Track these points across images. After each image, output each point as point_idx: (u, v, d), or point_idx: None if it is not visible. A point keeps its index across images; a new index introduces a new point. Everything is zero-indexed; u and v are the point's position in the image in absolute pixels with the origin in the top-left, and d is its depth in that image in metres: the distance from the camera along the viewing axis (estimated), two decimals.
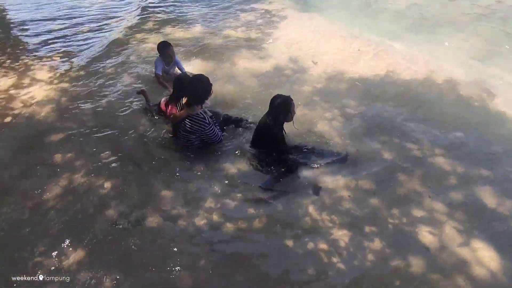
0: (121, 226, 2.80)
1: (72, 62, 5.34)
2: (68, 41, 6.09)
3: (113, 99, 4.41)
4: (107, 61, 5.34)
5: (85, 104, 4.30)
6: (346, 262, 2.55)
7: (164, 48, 4.40)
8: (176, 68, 4.70)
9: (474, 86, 4.77)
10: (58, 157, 3.46)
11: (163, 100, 3.89)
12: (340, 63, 5.20)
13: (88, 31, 6.57)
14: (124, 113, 4.14)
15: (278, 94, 3.13)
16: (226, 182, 3.21)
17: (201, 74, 3.33)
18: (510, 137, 3.83)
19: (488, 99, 4.50)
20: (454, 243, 2.69)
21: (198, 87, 3.18)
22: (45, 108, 4.20)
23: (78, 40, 6.17)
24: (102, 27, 6.77)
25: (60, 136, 3.74)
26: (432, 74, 4.97)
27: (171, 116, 3.32)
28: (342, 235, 2.73)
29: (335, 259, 2.58)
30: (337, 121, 3.96)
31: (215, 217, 2.90)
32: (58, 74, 4.98)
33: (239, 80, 4.80)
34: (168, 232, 2.77)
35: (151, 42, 5.91)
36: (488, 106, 4.40)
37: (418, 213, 2.91)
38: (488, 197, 3.06)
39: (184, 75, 3.62)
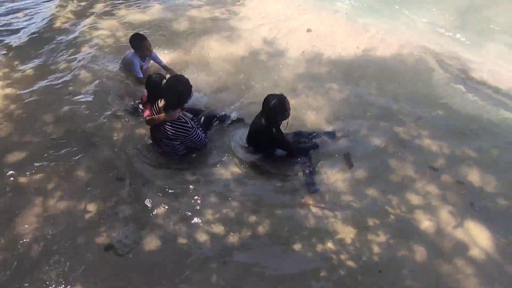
0: (117, 252, 2.58)
1: (12, 59, 4.60)
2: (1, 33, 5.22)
3: (76, 102, 3.92)
4: (57, 56, 4.69)
5: (43, 111, 3.78)
6: (355, 259, 2.60)
7: (140, 41, 3.82)
8: (151, 62, 4.21)
9: (449, 60, 4.86)
10: (24, 180, 3.05)
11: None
12: (316, 41, 5.02)
13: (25, 18, 5.65)
14: (93, 118, 3.71)
15: (270, 95, 2.95)
16: (221, 189, 3.06)
17: (180, 75, 3.05)
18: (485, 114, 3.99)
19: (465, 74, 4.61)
20: (450, 226, 2.84)
21: (177, 90, 2.89)
22: None
23: (13, 30, 5.30)
24: (40, 11, 5.86)
25: (22, 153, 3.28)
26: (408, 49, 4.99)
27: (147, 119, 3.04)
28: (347, 232, 2.76)
29: (343, 257, 2.62)
30: (324, 109, 3.88)
31: (216, 229, 2.77)
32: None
33: (213, 69, 4.48)
34: (170, 252, 2.61)
35: (105, 29, 5.27)
36: (466, 81, 4.51)
37: (414, 199, 3.01)
38: (476, 175, 3.23)
39: (158, 76, 3.19)
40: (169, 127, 2.95)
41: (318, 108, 3.87)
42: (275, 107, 2.89)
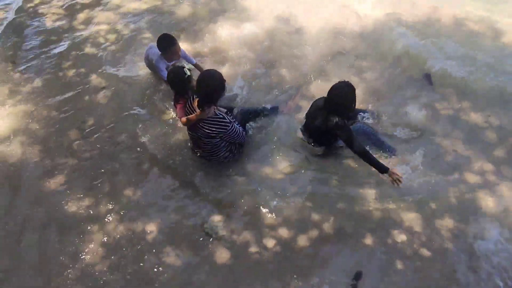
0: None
1: (12, 72, 4.22)
2: None
3: (96, 113, 3.68)
4: (60, 61, 4.31)
5: (66, 127, 3.54)
6: (427, 247, 2.62)
7: (168, 46, 3.38)
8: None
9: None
10: (75, 207, 2.92)
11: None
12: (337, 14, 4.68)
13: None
14: (121, 129, 3.50)
15: (338, 84, 2.75)
16: (278, 188, 2.97)
17: (212, 70, 2.83)
18: None
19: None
20: None
21: (211, 85, 2.71)
22: (13, 142, 3.38)
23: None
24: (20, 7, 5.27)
25: (60, 178, 3.11)
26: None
27: (183, 121, 2.87)
28: (414, 220, 2.76)
29: (416, 246, 2.64)
30: (361, 89, 3.70)
31: (282, 232, 2.73)
32: (6, 91, 3.95)
33: (230, 56, 4.20)
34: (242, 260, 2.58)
35: (103, 23, 4.84)
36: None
37: (472, 178, 3.01)
38: None
39: (177, 69, 2.94)
40: (207, 125, 2.80)
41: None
42: (347, 97, 2.74)
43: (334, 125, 2.81)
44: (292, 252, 2.63)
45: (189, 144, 3.23)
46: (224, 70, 3.90)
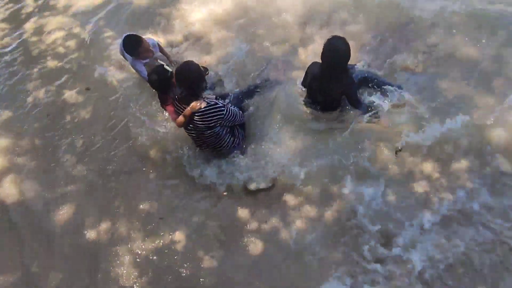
0: None
1: None
2: None
3: (82, 130, 3.44)
4: (22, 82, 3.94)
5: (53, 155, 3.32)
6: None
7: (136, 47, 3.10)
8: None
9: None
10: (93, 235, 2.81)
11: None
12: None
13: None
14: (115, 144, 3.32)
15: (333, 38, 2.59)
16: (294, 165, 2.90)
17: (190, 61, 2.66)
18: None
19: None
20: None
21: (190, 77, 2.60)
22: (4, 183, 3.16)
23: None
24: None
25: (67, 208, 2.97)
26: None
27: (177, 122, 2.73)
28: (432, 169, 2.80)
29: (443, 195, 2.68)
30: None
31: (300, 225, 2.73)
32: None
33: (209, 40, 3.91)
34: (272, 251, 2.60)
35: (56, 29, 4.40)
36: None
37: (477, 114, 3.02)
38: None
39: (158, 70, 2.82)
40: (203, 117, 2.66)
41: None
42: (346, 53, 2.58)
43: (350, 85, 2.73)
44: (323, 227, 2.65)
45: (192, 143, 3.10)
46: (207, 56, 3.68)
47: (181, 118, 2.69)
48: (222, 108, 2.70)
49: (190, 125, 2.74)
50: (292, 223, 2.69)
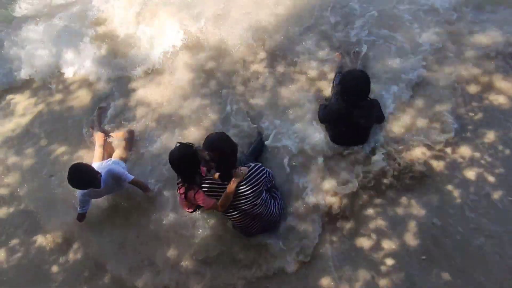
0: None
1: None
2: None
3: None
4: None
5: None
6: None
7: (92, 179, 2.71)
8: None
9: None
10: None
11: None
12: None
13: None
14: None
15: (355, 75, 2.59)
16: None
17: (219, 133, 2.37)
18: None
19: None
20: None
21: (229, 147, 2.28)
22: None
23: None
24: None
25: None
26: None
27: (223, 203, 2.34)
28: None
29: None
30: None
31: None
32: None
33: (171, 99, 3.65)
34: None
35: None
36: None
37: None
38: None
39: (184, 147, 2.34)
40: (250, 183, 2.32)
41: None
42: (367, 78, 2.54)
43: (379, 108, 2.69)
44: None
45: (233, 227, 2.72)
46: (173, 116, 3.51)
47: (223, 199, 2.32)
48: (262, 166, 2.39)
49: (235, 202, 2.36)
50: None
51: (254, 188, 2.33)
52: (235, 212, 2.40)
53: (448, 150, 2.82)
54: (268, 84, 3.48)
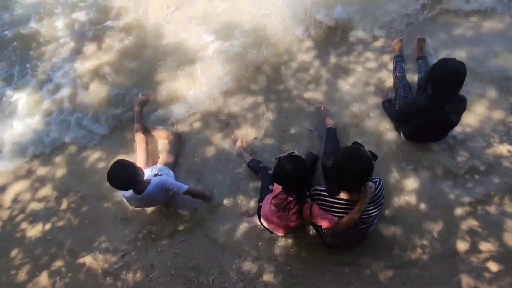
0: None
1: None
2: None
3: None
4: None
5: None
6: None
7: (133, 175, 2.38)
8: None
9: None
10: None
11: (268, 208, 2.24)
12: None
13: None
14: None
15: (448, 61, 2.23)
16: None
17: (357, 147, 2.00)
18: None
19: None
20: None
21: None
22: None
23: None
24: None
25: None
26: None
27: (347, 221, 2.03)
28: None
29: None
30: None
31: None
32: None
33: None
34: None
35: None
36: None
37: None
38: None
39: (296, 159, 2.06)
40: (376, 204, 2.06)
41: None
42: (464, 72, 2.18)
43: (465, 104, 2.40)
44: None
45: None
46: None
47: (347, 219, 2.01)
48: (381, 182, 2.08)
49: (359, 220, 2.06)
50: None
51: (379, 208, 2.07)
52: (349, 230, 2.11)
53: None
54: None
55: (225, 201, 2.76)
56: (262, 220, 2.37)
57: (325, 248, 2.46)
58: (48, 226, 2.91)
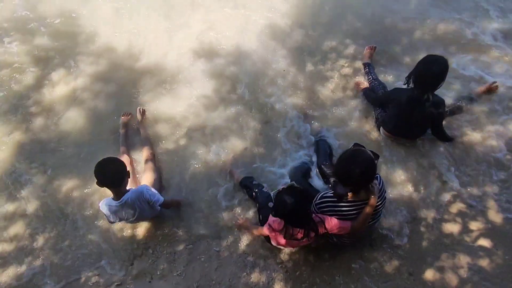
0: None
1: None
2: None
3: None
4: None
5: None
6: None
7: (123, 174, 2.27)
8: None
9: None
10: None
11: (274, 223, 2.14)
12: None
13: None
14: None
15: (431, 56, 2.45)
16: None
17: (357, 150, 1.99)
18: None
19: None
20: None
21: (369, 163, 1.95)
22: None
23: None
24: None
25: None
26: None
27: (362, 222, 2.08)
28: None
29: None
30: None
31: None
32: None
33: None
34: None
35: None
36: None
37: None
38: None
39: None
40: (381, 198, 2.12)
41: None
42: (445, 72, 2.41)
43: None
44: None
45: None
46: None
47: (367, 216, 2.04)
48: (377, 173, 2.14)
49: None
50: None
51: (383, 202, 2.14)
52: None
53: None
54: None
55: (222, 215, 2.67)
56: (271, 240, 2.33)
57: (332, 248, 2.46)
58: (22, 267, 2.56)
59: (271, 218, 2.13)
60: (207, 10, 3.92)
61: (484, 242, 2.44)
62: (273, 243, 2.33)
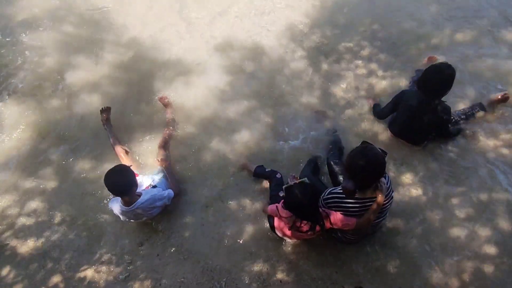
0: None
1: None
2: None
3: None
4: None
5: None
6: None
7: (130, 183, 2.37)
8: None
9: None
10: None
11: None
12: None
13: None
14: None
15: (439, 64, 2.50)
16: None
17: (367, 147, 2.01)
18: None
19: None
20: None
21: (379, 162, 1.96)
22: None
23: None
24: None
25: None
26: None
27: (369, 219, 2.11)
28: None
29: None
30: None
31: None
32: None
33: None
34: None
35: None
36: None
37: None
38: None
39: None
40: (389, 196, 2.16)
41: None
42: (451, 79, 2.44)
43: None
44: None
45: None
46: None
47: (375, 210, 2.07)
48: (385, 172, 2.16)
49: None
50: None
51: (390, 201, 2.17)
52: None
53: None
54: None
55: (229, 204, 2.76)
56: (276, 230, 2.41)
57: (334, 245, 2.51)
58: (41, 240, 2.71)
59: (281, 205, 2.20)
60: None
61: (491, 249, 2.44)
62: (278, 233, 2.40)
